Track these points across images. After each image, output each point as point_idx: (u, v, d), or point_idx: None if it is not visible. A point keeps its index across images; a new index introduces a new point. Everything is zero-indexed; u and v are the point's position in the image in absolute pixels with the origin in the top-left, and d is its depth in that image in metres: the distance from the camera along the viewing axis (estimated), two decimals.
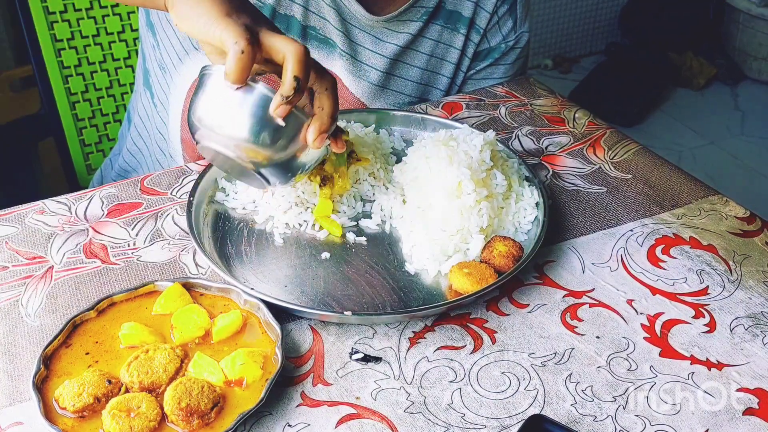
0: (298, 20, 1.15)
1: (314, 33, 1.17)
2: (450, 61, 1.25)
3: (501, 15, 1.25)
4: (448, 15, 1.21)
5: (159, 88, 1.28)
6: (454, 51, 1.24)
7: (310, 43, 1.18)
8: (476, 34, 1.24)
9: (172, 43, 1.22)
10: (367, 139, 1.04)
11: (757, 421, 0.74)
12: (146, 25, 1.29)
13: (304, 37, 1.17)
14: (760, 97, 3.50)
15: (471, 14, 1.22)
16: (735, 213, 1.00)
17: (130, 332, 0.77)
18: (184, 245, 0.93)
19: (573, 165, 1.09)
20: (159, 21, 1.23)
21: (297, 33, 1.16)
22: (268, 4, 1.14)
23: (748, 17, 3.41)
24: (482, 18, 1.23)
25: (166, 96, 1.26)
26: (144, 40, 1.31)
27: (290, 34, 1.16)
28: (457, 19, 1.22)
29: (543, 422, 0.70)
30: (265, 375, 0.74)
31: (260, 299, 0.81)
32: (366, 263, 0.91)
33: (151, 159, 1.37)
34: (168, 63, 1.24)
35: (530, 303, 0.86)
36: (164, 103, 1.28)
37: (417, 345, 0.81)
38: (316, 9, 1.15)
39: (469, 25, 1.23)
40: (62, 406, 0.70)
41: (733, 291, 0.88)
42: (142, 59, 1.33)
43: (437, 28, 1.21)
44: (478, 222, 0.90)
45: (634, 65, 3.43)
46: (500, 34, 1.26)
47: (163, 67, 1.25)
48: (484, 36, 1.25)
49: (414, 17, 1.18)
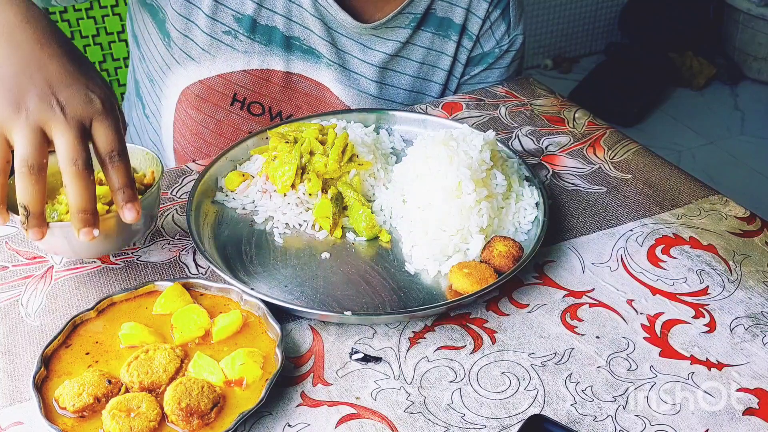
0: (281, 31, 1.14)
1: (298, 44, 1.15)
2: (442, 68, 1.23)
3: (494, 20, 1.23)
4: (439, 22, 1.19)
5: (149, 100, 1.27)
6: (446, 58, 1.22)
7: (295, 53, 1.16)
8: (468, 40, 1.22)
9: (153, 56, 1.21)
10: (367, 139, 1.04)
11: (757, 421, 0.74)
12: (132, 37, 1.28)
13: (288, 47, 1.15)
14: (760, 97, 3.50)
15: (462, 20, 1.20)
16: (735, 213, 1.00)
17: (130, 332, 0.77)
18: (184, 245, 0.93)
19: (573, 165, 1.09)
20: (141, 33, 1.22)
21: (280, 44, 1.14)
22: (247, 15, 1.12)
23: (748, 17, 3.42)
24: (474, 24, 1.21)
25: (157, 108, 1.26)
26: (132, 50, 1.30)
27: (273, 46, 1.15)
28: (448, 25, 1.20)
29: (543, 422, 0.70)
30: (265, 375, 0.74)
31: (260, 299, 0.81)
32: (366, 263, 0.91)
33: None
34: (155, 75, 1.23)
35: (530, 303, 0.86)
36: (155, 114, 1.27)
37: (417, 345, 0.81)
38: (299, 19, 1.13)
39: (460, 32, 1.21)
40: (62, 406, 0.70)
41: (733, 291, 0.88)
42: (132, 70, 1.33)
43: (428, 35, 1.19)
44: (478, 222, 0.90)
45: (634, 65, 3.44)
46: (493, 38, 1.24)
47: (151, 79, 1.24)
48: (477, 41, 1.23)
49: (402, 24, 1.17)
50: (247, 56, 1.15)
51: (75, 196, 0.73)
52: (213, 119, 1.20)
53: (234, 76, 1.16)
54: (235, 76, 1.16)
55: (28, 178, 0.71)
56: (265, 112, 1.20)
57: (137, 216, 0.77)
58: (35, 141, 0.72)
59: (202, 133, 1.22)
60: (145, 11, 1.18)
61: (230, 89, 1.17)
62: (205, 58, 1.15)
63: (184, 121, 1.22)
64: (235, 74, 1.16)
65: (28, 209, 0.72)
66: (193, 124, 1.21)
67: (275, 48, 1.15)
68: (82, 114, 0.74)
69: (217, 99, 1.18)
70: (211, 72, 1.16)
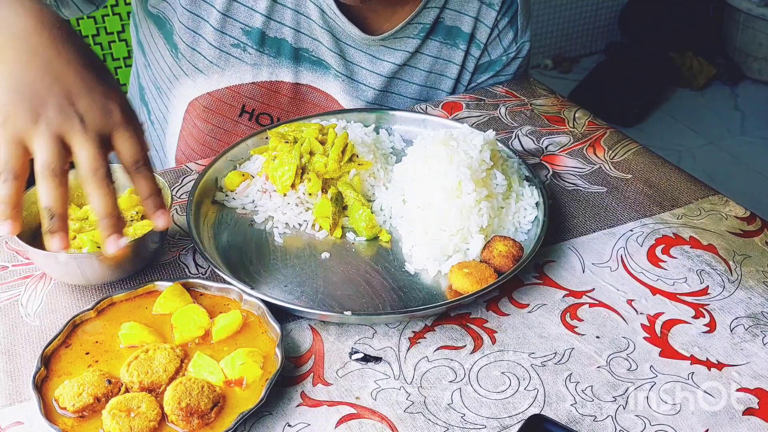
0: (290, 43, 1.13)
1: (307, 55, 1.15)
2: (449, 77, 1.22)
3: (502, 28, 1.21)
4: (447, 30, 1.18)
5: (155, 107, 1.26)
6: (454, 66, 1.21)
7: (303, 65, 1.16)
8: (477, 48, 1.21)
9: (160, 65, 1.20)
10: (367, 139, 1.04)
11: (757, 421, 0.74)
12: (137, 43, 1.27)
13: (296, 59, 1.15)
14: (760, 97, 3.50)
15: (471, 29, 1.19)
16: (735, 213, 1.00)
17: (130, 332, 0.77)
18: (184, 245, 0.93)
19: (573, 165, 1.09)
20: (147, 42, 1.21)
21: (289, 56, 1.14)
22: (256, 28, 1.11)
23: (748, 17, 3.41)
24: (482, 32, 1.20)
25: (164, 116, 1.25)
26: (136, 56, 1.29)
27: (282, 58, 1.14)
28: (457, 34, 1.19)
29: (543, 422, 0.70)
30: (265, 375, 0.74)
31: (260, 299, 0.81)
32: (366, 263, 0.91)
33: None
34: (162, 84, 1.22)
35: (530, 303, 0.86)
36: (161, 121, 1.27)
37: (417, 345, 0.81)
38: (308, 31, 1.13)
39: (469, 40, 1.20)
40: (62, 406, 0.70)
41: (733, 291, 0.88)
42: (136, 74, 1.32)
43: (436, 44, 1.19)
44: (478, 222, 0.90)
45: (634, 65, 3.43)
46: (501, 46, 1.23)
47: (158, 87, 1.24)
48: (485, 49, 1.22)
49: (411, 34, 1.16)
50: (256, 68, 1.14)
51: (99, 203, 0.73)
52: (221, 130, 1.20)
53: (243, 89, 1.16)
54: (244, 88, 1.16)
55: (51, 180, 0.71)
56: (274, 123, 1.20)
57: (169, 221, 0.78)
58: (56, 149, 0.71)
59: (210, 143, 1.22)
60: (150, 21, 1.17)
61: (239, 101, 1.17)
62: (214, 70, 1.14)
63: (191, 132, 1.22)
64: (244, 86, 1.15)
65: (53, 211, 0.71)
66: (201, 135, 1.21)
67: (284, 60, 1.14)
68: (102, 125, 0.73)
69: (226, 110, 1.18)
70: (219, 84, 1.15)
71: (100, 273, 0.83)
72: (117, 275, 0.85)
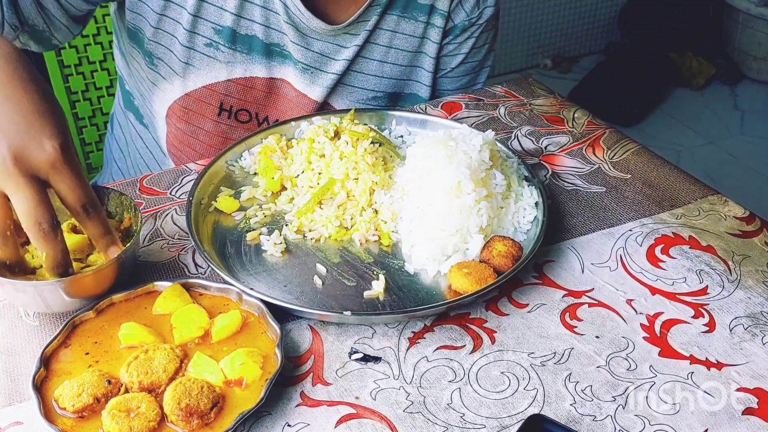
0: (260, 39, 1.14)
1: (278, 50, 1.16)
2: (409, 51, 1.21)
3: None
4: (405, 5, 1.18)
5: (144, 111, 1.27)
6: (414, 39, 1.21)
7: (275, 60, 1.16)
8: (440, 18, 1.20)
9: (140, 74, 1.22)
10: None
11: (757, 421, 0.74)
12: (119, 53, 1.28)
13: (268, 54, 1.15)
14: (760, 97, 3.50)
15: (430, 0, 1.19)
16: (734, 213, 1.00)
17: (130, 332, 0.77)
18: (183, 245, 0.93)
19: (572, 165, 1.09)
20: (127, 52, 1.23)
21: (261, 52, 1.15)
22: (227, 26, 1.12)
23: (747, 17, 3.42)
24: (442, 1, 1.20)
25: (150, 120, 1.27)
26: (119, 65, 1.30)
27: (254, 54, 1.15)
28: (414, 7, 1.19)
29: (542, 422, 0.70)
30: (265, 375, 0.74)
31: (260, 299, 0.81)
32: (366, 263, 0.91)
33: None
34: (144, 91, 1.24)
35: (530, 303, 0.86)
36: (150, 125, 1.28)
37: (416, 345, 0.81)
38: (276, 26, 1.14)
39: (429, 11, 1.20)
40: (62, 407, 0.70)
41: (733, 291, 0.88)
42: (121, 82, 1.32)
43: (393, 18, 1.18)
44: (478, 222, 0.90)
45: (634, 65, 3.44)
46: (464, 11, 1.22)
47: (141, 93, 1.25)
48: (449, 17, 1.21)
49: (371, 16, 1.16)
50: (230, 66, 1.16)
51: (47, 256, 0.73)
52: (202, 130, 1.22)
53: (219, 86, 1.17)
54: (220, 86, 1.17)
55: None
56: (252, 118, 1.21)
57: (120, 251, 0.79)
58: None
59: (193, 144, 1.23)
60: (123, 32, 1.19)
61: (216, 99, 1.18)
62: (189, 71, 1.16)
63: (174, 134, 1.24)
64: (220, 84, 1.17)
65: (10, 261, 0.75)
66: (183, 137, 1.23)
67: (256, 56, 1.16)
68: (36, 166, 0.70)
69: (204, 110, 1.19)
70: (196, 84, 1.17)
71: (62, 302, 0.79)
72: (80, 303, 0.81)
